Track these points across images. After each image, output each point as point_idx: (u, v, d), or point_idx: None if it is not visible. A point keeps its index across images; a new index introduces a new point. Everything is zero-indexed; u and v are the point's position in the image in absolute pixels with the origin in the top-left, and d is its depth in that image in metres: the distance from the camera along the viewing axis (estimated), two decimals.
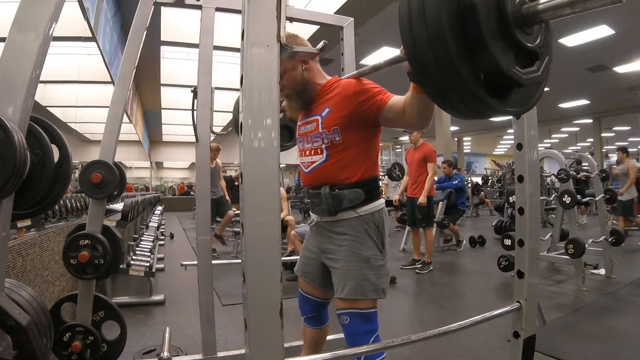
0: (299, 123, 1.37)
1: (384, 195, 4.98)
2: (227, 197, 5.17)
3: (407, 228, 5.10)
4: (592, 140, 14.83)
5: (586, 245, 3.36)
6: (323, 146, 1.25)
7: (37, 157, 0.98)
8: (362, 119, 1.20)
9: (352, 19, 2.03)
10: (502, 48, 0.64)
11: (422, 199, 3.97)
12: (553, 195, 4.01)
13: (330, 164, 1.24)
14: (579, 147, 19.29)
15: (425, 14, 0.64)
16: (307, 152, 1.31)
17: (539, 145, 1.33)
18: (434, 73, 0.66)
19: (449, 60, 0.63)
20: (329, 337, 1.61)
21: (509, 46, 0.66)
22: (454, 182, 5.51)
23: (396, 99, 1.16)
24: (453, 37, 0.62)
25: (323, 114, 1.24)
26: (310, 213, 1.37)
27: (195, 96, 1.83)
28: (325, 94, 1.29)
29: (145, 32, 1.70)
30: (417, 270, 4.06)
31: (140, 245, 4.10)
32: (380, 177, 5.72)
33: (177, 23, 6.76)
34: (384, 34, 6.51)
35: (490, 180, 12.64)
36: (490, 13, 0.64)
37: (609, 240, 3.73)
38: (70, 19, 4.73)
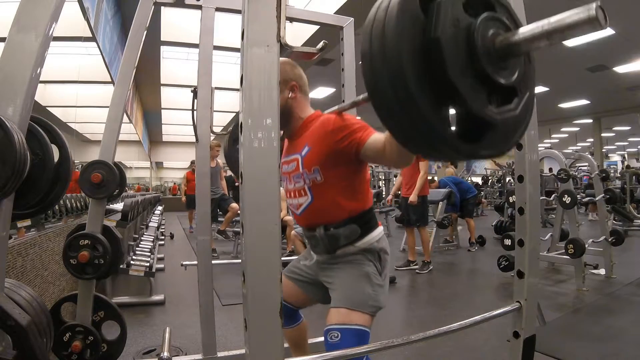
0: (282, 160, 1.33)
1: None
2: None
3: None
4: (592, 140, 14.83)
5: (586, 245, 3.36)
6: (306, 187, 1.22)
7: (37, 157, 0.98)
8: (342, 156, 1.15)
9: (352, 19, 2.03)
10: (472, 87, 0.56)
11: (412, 198, 4.00)
12: (553, 195, 4.01)
13: (317, 204, 1.21)
14: (579, 147, 19.29)
15: (385, 49, 0.56)
16: (292, 194, 1.28)
17: (539, 145, 1.32)
18: (397, 115, 0.59)
19: (411, 101, 0.55)
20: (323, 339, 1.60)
21: (480, 84, 0.57)
22: (464, 187, 5.54)
23: (377, 137, 1.09)
24: (415, 76, 0.55)
25: (303, 153, 1.21)
26: (311, 252, 1.36)
27: (195, 96, 1.83)
28: (305, 129, 1.26)
29: (145, 32, 1.70)
30: (417, 271, 4.06)
31: (140, 245, 4.10)
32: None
33: (177, 23, 6.76)
34: None
35: (490, 180, 12.64)
36: (458, 48, 0.56)
37: (609, 240, 3.73)
38: (70, 19, 4.73)
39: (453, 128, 0.59)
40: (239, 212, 5.13)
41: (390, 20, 0.56)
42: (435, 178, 6.55)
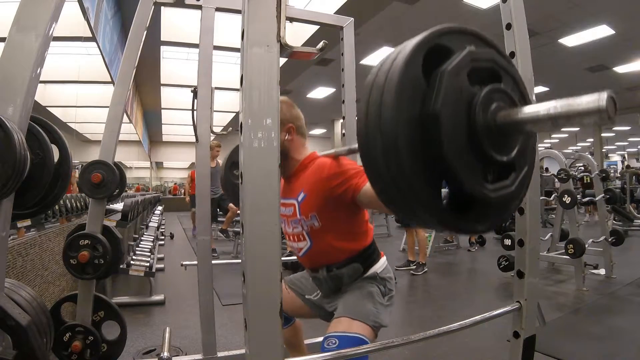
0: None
1: None
2: None
3: None
4: (592, 140, 14.83)
5: (586, 245, 3.36)
6: (304, 232, 1.23)
7: (37, 157, 0.98)
8: (338, 202, 1.15)
9: (352, 19, 2.03)
10: (469, 165, 0.54)
11: None
12: (553, 195, 4.01)
13: (317, 248, 1.23)
14: (579, 147, 19.29)
15: (381, 118, 0.53)
16: (292, 238, 1.29)
17: (539, 145, 1.32)
18: (387, 185, 0.56)
19: (402, 175, 0.53)
20: (322, 339, 1.61)
21: (477, 161, 0.55)
22: None
23: None
24: (409, 151, 0.52)
25: (299, 199, 1.22)
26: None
27: (195, 96, 1.83)
28: (301, 172, 1.25)
29: (145, 32, 1.70)
30: (411, 272, 4.06)
31: (140, 245, 4.10)
32: None
33: (177, 23, 6.75)
34: (384, 34, 6.50)
35: None
36: (457, 124, 0.53)
37: (609, 240, 3.73)
38: (70, 19, 4.73)
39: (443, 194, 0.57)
40: (238, 212, 5.13)
41: (390, 87, 0.53)
42: None
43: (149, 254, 3.77)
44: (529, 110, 0.53)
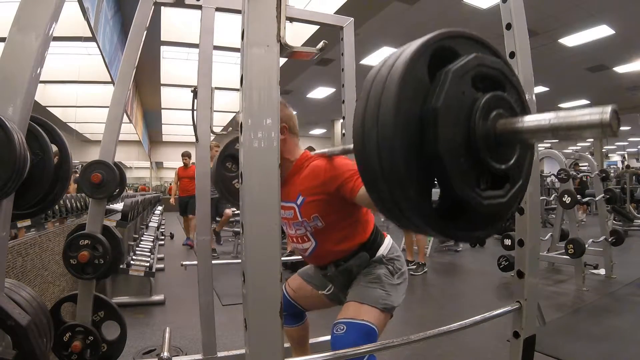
0: None
1: None
2: None
3: None
4: (592, 140, 14.82)
5: (586, 245, 3.36)
6: (308, 234, 1.24)
7: (37, 157, 0.98)
8: (337, 202, 1.17)
9: (352, 19, 2.03)
10: (461, 166, 0.52)
11: None
12: (553, 195, 4.01)
13: (323, 247, 1.24)
14: (579, 147, 19.29)
15: (380, 111, 0.52)
16: (295, 239, 1.30)
17: (539, 145, 1.33)
18: (378, 181, 0.55)
19: (392, 169, 0.52)
20: (323, 338, 1.60)
21: (470, 165, 0.53)
22: None
23: None
24: (403, 145, 0.51)
25: (298, 203, 1.22)
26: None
27: (195, 96, 1.83)
28: (296, 174, 1.25)
29: (145, 32, 1.70)
30: (411, 272, 4.06)
31: (140, 245, 4.10)
32: None
33: (177, 23, 6.75)
34: (384, 34, 6.51)
35: None
36: (455, 125, 0.52)
37: (609, 240, 3.73)
38: (70, 19, 4.73)
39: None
40: (231, 218, 5.04)
41: (392, 80, 0.52)
42: None
43: (149, 254, 3.77)
44: (530, 119, 0.52)
